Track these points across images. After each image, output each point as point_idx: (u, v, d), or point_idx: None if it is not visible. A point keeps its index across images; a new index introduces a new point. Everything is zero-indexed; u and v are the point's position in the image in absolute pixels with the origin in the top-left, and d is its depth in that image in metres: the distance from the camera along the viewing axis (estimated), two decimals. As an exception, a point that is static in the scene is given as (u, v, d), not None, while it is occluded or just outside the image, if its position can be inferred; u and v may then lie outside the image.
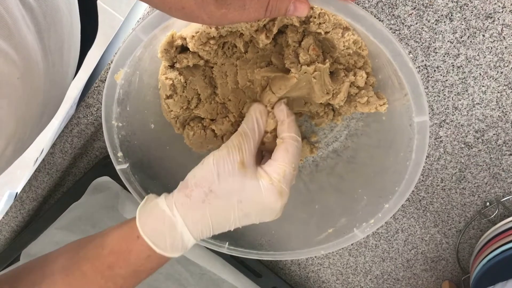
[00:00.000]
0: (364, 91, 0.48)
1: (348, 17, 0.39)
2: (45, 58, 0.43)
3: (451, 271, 0.78)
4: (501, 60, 0.57)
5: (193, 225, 0.42)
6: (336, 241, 0.52)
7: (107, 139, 0.49)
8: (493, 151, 0.64)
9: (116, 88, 0.46)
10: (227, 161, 0.43)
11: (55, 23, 0.46)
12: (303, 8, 0.38)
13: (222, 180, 0.42)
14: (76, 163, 0.74)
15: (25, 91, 0.39)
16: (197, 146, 0.54)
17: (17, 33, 0.37)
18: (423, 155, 0.45)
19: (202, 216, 0.42)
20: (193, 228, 0.42)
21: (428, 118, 0.43)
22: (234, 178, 0.42)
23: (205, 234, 0.43)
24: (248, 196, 0.42)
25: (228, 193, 0.42)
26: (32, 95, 0.41)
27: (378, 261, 0.79)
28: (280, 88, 0.47)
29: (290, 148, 0.45)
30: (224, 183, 0.42)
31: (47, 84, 0.45)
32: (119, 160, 0.50)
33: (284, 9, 0.37)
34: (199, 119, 0.53)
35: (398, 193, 0.48)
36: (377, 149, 0.54)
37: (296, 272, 0.83)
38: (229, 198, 0.42)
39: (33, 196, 0.77)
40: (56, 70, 0.47)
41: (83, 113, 0.68)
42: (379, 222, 0.49)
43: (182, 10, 0.35)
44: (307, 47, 0.45)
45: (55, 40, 0.46)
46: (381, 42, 0.39)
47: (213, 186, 0.42)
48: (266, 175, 0.43)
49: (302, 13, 0.38)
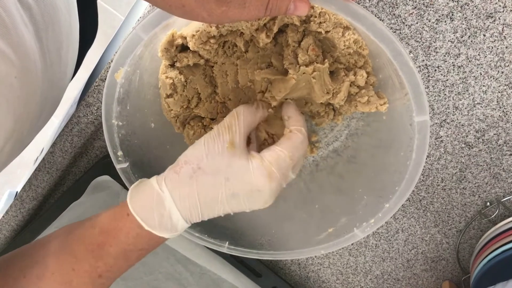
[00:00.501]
0: (364, 91, 0.48)
1: (348, 16, 0.39)
2: (43, 58, 0.43)
3: (451, 271, 0.78)
4: (502, 60, 0.57)
5: (181, 201, 0.42)
6: (336, 240, 0.52)
7: (107, 138, 0.49)
8: (494, 151, 0.64)
9: (116, 87, 0.46)
10: (217, 140, 0.43)
11: (54, 22, 0.46)
12: (304, 7, 0.37)
13: (210, 158, 0.42)
14: (76, 162, 0.74)
15: (22, 90, 0.39)
16: None
17: (14, 32, 0.37)
18: (424, 154, 0.45)
19: (189, 192, 0.42)
20: (181, 206, 0.42)
21: (429, 118, 0.43)
22: (222, 157, 0.42)
23: (194, 214, 0.43)
24: (236, 175, 0.42)
25: (216, 170, 0.42)
26: (30, 94, 0.41)
27: (378, 261, 0.79)
28: (280, 91, 0.47)
29: (293, 136, 0.45)
30: (212, 160, 0.42)
31: (45, 84, 0.45)
32: (119, 159, 0.50)
33: (285, 7, 0.37)
34: (199, 118, 0.53)
35: (399, 193, 0.48)
36: (377, 148, 0.53)
37: (296, 272, 0.83)
38: (216, 175, 0.42)
39: (33, 195, 0.77)
40: (54, 70, 0.47)
41: (83, 112, 0.67)
42: (379, 222, 0.49)
43: (182, 8, 0.35)
44: (306, 48, 0.45)
45: (53, 40, 0.46)
46: (382, 42, 0.39)
47: (201, 163, 0.42)
48: (258, 156, 0.43)
49: (302, 12, 0.38)
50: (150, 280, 0.80)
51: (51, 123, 0.61)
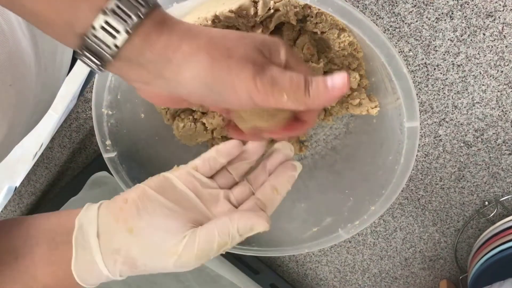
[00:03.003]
0: (356, 93, 0.48)
1: (344, 19, 0.38)
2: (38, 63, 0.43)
3: (449, 270, 0.78)
4: (502, 59, 0.57)
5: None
6: (321, 240, 0.52)
7: (96, 127, 0.48)
8: (493, 151, 0.64)
9: (109, 76, 0.46)
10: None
11: None
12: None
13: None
14: (75, 158, 0.74)
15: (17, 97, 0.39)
16: (186, 139, 0.54)
17: (12, 40, 0.37)
18: (412, 160, 0.45)
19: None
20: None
21: (419, 124, 0.43)
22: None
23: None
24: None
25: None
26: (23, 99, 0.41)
27: (376, 259, 0.79)
28: None
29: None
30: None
31: (38, 88, 0.44)
32: (107, 149, 0.50)
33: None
34: (190, 111, 0.53)
35: (385, 196, 0.48)
36: (365, 151, 0.54)
37: (294, 269, 0.83)
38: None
39: (31, 190, 0.77)
40: (48, 74, 0.47)
41: (82, 107, 0.67)
42: (364, 224, 0.50)
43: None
44: (302, 46, 0.45)
45: (48, 44, 0.46)
46: (376, 46, 0.39)
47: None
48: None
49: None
50: (149, 276, 0.80)
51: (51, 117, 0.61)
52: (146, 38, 0.30)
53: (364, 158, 0.54)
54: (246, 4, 0.43)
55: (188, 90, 0.32)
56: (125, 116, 0.51)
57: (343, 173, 0.56)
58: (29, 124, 0.48)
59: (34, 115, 0.47)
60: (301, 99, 0.32)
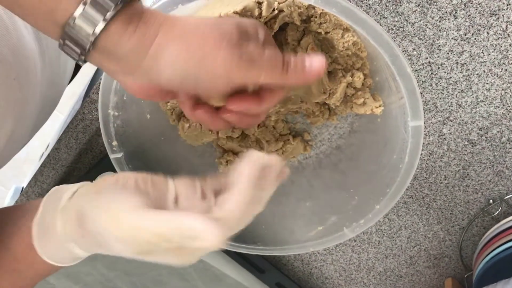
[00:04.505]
0: (360, 92, 0.49)
1: (349, 19, 0.39)
2: (42, 58, 0.44)
3: (454, 268, 0.78)
4: (506, 58, 0.57)
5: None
6: (326, 238, 0.52)
7: (103, 128, 0.49)
8: (497, 149, 0.64)
9: None
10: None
11: None
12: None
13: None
14: (81, 159, 0.75)
15: (22, 91, 0.39)
16: (192, 139, 0.54)
17: (15, 34, 0.38)
18: (416, 159, 0.45)
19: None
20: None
21: (423, 123, 0.43)
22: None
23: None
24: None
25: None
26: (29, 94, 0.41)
27: (381, 257, 0.79)
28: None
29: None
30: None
31: (44, 83, 0.45)
32: (114, 149, 0.50)
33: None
34: None
35: (389, 195, 0.48)
36: (370, 150, 0.54)
37: (299, 268, 0.84)
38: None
39: (38, 191, 0.78)
40: (54, 69, 0.48)
41: (88, 108, 0.68)
42: (369, 223, 0.50)
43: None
44: (306, 46, 0.45)
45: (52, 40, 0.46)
46: (380, 46, 0.40)
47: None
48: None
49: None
50: (154, 275, 0.81)
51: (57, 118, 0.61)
52: (123, 28, 0.31)
53: (368, 157, 0.54)
54: (251, 5, 0.43)
55: (167, 77, 0.32)
56: (131, 117, 0.51)
57: (347, 172, 0.56)
58: (36, 121, 0.48)
59: (40, 113, 0.48)
60: (278, 76, 0.33)
